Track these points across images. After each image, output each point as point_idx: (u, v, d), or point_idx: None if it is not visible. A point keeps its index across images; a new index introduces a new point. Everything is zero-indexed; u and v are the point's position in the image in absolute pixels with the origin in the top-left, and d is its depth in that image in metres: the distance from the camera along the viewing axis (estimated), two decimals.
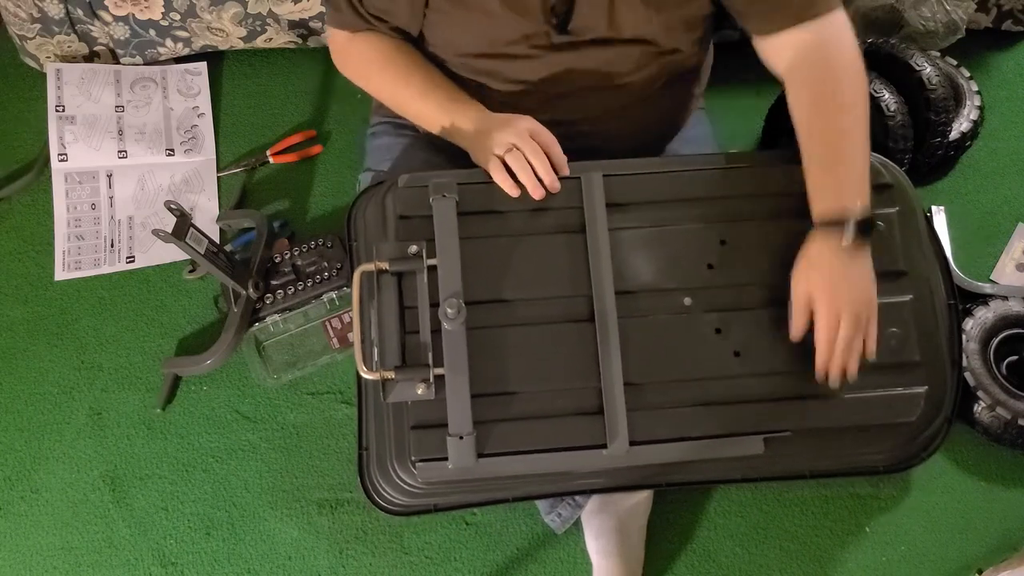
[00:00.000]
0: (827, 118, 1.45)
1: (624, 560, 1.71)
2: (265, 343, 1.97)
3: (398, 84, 1.58)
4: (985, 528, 1.82)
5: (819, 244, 1.43)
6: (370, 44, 1.57)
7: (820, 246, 1.43)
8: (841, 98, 1.45)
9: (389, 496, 1.51)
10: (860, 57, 1.47)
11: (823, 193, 1.44)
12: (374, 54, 1.58)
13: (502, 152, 1.45)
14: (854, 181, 1.43)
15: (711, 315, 1.49)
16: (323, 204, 2.17)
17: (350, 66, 1.64)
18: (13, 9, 2.09)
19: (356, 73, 1.65)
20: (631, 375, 1.45)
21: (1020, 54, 2.34)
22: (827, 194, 1.44)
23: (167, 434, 1.92)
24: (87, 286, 2.06)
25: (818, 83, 1.46)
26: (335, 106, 2.29)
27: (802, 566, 1.80)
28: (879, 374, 1.50)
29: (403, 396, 1.41)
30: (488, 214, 1.49)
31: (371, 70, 1.60)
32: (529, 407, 1.44)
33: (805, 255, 1.45)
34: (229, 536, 1.83)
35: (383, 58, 1.57)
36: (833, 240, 1.41)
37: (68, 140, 2.13)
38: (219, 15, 2.10)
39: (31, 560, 1.81)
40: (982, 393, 1.80)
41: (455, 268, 1.44)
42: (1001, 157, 2.20)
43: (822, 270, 1.43)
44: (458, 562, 1.80)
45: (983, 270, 2.06)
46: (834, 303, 1.41)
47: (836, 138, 1.44)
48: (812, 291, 1.43)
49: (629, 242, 1.50)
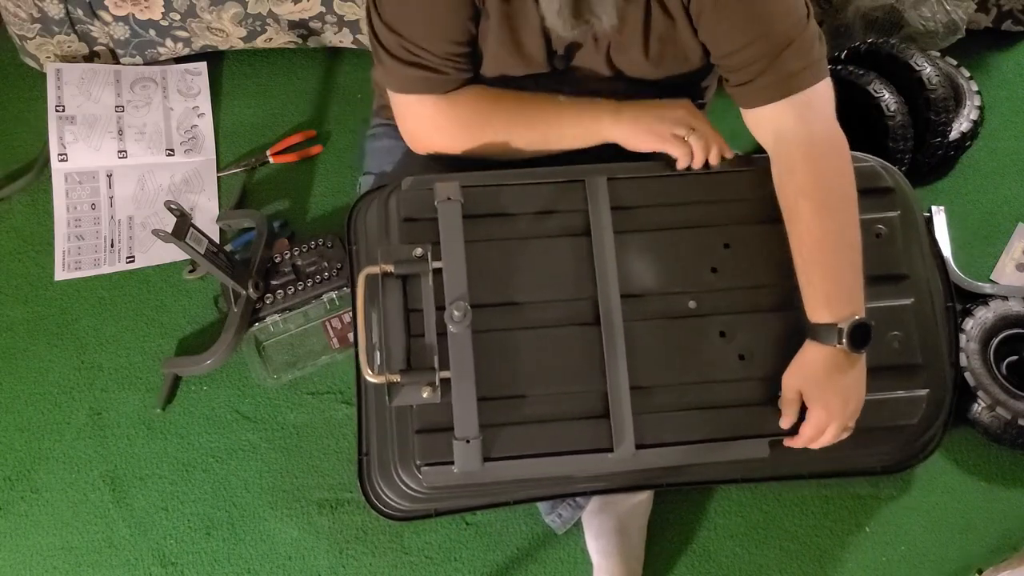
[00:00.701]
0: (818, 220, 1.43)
1: (624, 560, 1.71)
2: (265, 343, 1.97)
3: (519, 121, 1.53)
4: (985, 528, 1.82)
5: (813, 350, 1.44)
6: (472, 94, 1.52)
7: (814, 353, 1.43)
8: (832, 197, 1.43)
9: (391, 501, 1.51)
10: (841, 133, 1.46)
11: (815, 299, 1.43)
12: (489, 96, 1.52)
13: (683, 132, 1.51)
14: (849, 289, 1.42)
15: (716, 318, 1.50)
16: (323, 204, 2.16)
17: (452, 127, 1.54)
18: (13, 9, 2.08)
19: (464, 131, 1.54)
20: (637, 378, 1.45)
21: (1020, 54, 2.34)
22: (819, 300, 1.43)
23: (167, 434, 1.92)
24: (87, 286, 2.06)
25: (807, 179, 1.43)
26: (335, 106, 2.29)
27: (802, 566, 1.80)
28: (881, 377, 1.51)
29: (408, 400, 1.41)
30: (493, 217, 1.49)
31: (485, 117, 1.53)
32: (535, 410, 1.44)
33: (800, 357, 1.45)
34: (229, 536, 1.83)
35: (499, 98, 1.52)
36: (827, 348, 1.41)
37: (68, 140, 2.13)
38: (219, 15, 2.09)
39: (31, 560, 1.81)
40: (982, 393, 1.81)
41: (461, 271, 1.44)
42: (1001, 157, 2.21)
43: (818, 379, 1.43)
44: (458, 562, 1.80)
45: (983, 270, 2.06)
46: (826, 414, 1.43)
47: (828, 243, 1.42)
48: (805, 395, 1.45)
49: (634, 245, 1.50)
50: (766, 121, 1.46)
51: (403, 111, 1.56)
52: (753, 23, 1.38)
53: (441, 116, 1.52)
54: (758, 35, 1.38)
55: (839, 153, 1.45)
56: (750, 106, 1.47)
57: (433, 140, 1.57)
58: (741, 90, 1.46)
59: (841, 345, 1.39)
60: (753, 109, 1.47)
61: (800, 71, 1.40)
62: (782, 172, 1.47)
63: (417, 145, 1.60)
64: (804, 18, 1.40)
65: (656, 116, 1.52)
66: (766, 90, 1.42)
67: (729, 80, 1.48)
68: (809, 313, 1.44)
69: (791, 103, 1.42)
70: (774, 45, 1.38)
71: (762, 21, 1.38)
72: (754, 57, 1.40)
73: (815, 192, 1.42)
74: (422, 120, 1.55)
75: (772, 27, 1.38)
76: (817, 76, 1.42)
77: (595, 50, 1.47)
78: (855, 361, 1.42)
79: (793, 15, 1.39)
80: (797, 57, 1.39)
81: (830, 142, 1.45)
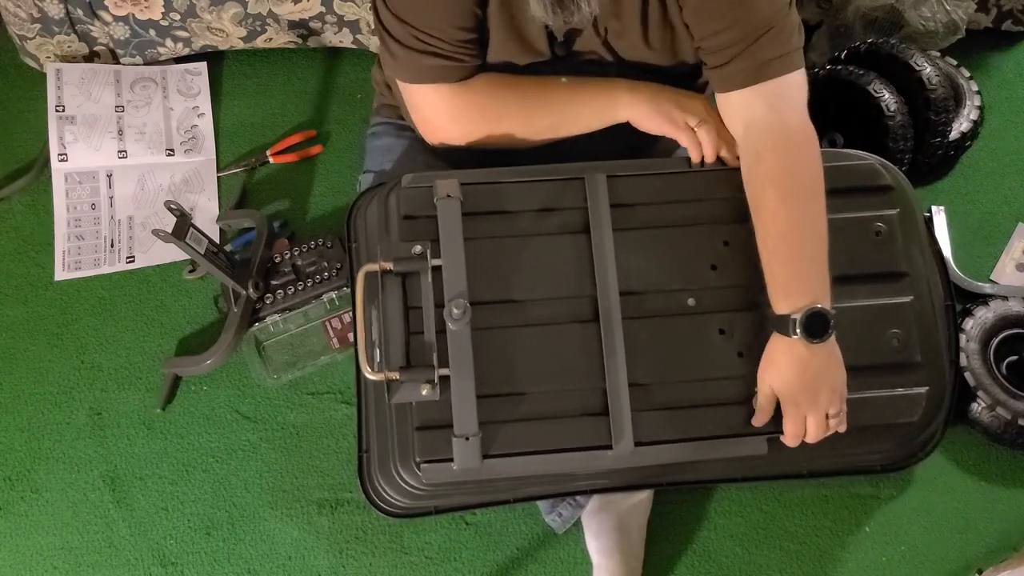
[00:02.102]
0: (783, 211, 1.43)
1: (624, 559, 1.71)
2: (265, 343, 1.97)
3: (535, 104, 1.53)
4: (985, 528, 1.82)
5: (776, 345, 1.44)
6: (483, 82, 1.51)
7: (777, 347, 1.44)
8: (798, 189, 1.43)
9: (390, 498, 1.51)
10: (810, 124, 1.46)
11: (775, 290, 1.43)
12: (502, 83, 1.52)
13: (695, 124, 1.52)
14: (807, 279, 1.42)
15: (715, 316, 1.50)
16: (323, 204, 2.16)
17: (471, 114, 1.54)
18: (13, 9, 2.08)
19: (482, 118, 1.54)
20: (636, 376, 1.45)
21: (1020, 54, 2.35)
22: (778, 292, 1.43)
23: (167, 434, 1.91)
24: (87, 286, 2.06)
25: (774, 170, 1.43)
26: (335, 106, 2.29)
27: (802, 566, 1.80)
28: (880, 375, 1.51)
29: (408, 397, 1.41)
30: (492, 214, 1.49)
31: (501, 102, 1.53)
32: (534, 408, 1.44)
33: (767, 352, 1.46)
34: (229, 536, 1.83)
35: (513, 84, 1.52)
36: (786, 340, 1.41)
37: (68, 140, 2.13)
38: (219, 15, 2.10)
39: (31, 560, 1.81)
40: (982, 393, 1.80)
41: (460, 268, 1.44)
42: (1001, 157, 2.21)
43: (783, 374, 1.43)
44: (458, 562, 1.80)
45: (983, 270, 2.06)
46: (798, 408, 1.43)
47: (790, 234, 1.42)
48: (775, 390, 1.45)
49: (633, 243, 1.50)
50: (738, 107, 1.46)
51: (418, 101, 1.55)
52: (734, 6, 1.38)
53: (459, 104, 1.52)
54: (737, 19, 1.38)
55: (808, 145, 1.45)
56: (723, 90, 1.47)
57: (449, 129, 1.56)
58: (716, 73, 1.46)
59: (797, 335, 1.38)
60: (727, 94, 1.47)
61: (775, 59, 1.40)
62: (751, 161, 1.47)
63: (432, 136, 1.59)
64: (786, 6, 1.40)
65: (674, 101, 1.52)
66: (739, 75, 1.42)
67: (707, 63, 1.48)
68: (772, 304, 1.44)
69: (763, 90, 1.42)
70: (752, 29, 1.38)
71: (743, 6, 1.38)
72: (731, 40, 1.40)
73: (783, 181, 1.42)
74: (438, 109, 1.54)
75: (753, 12, 1.38)
76: (792, 66, 1.42)
77: (594, 36, 1.47)
78: (816, 351, 1.40)
79: (776, 2, 1.39)
80: (774, 45, 1.39)
81: (801, 133, 1.45)
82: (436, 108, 1.54)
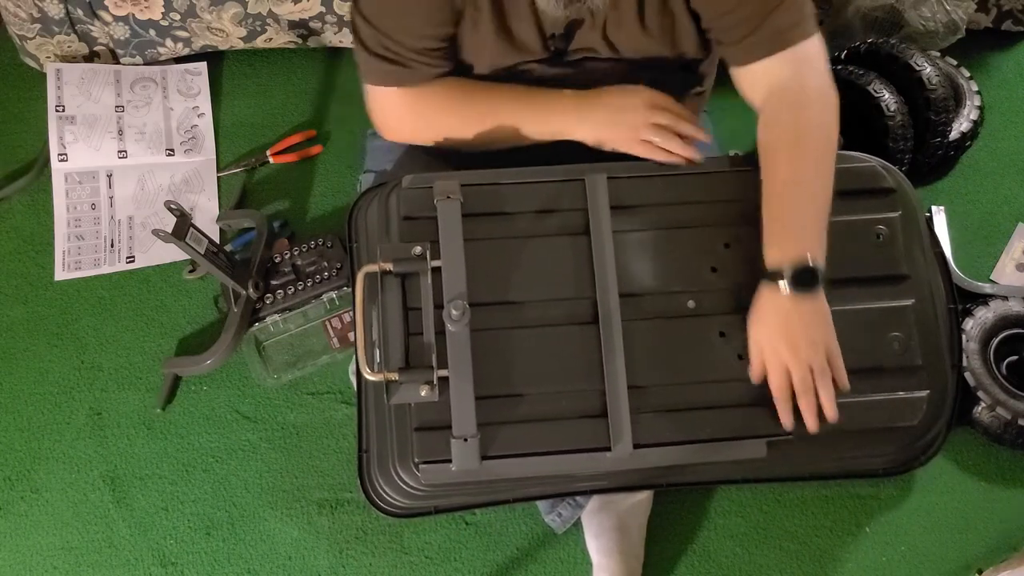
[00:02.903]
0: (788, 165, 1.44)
1: (624, 559, 1.71)
2: (265, 343, 1.97)
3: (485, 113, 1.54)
4: (985, 528, 1.82)
5: (762, 295, 1.44)
6: (437, 88, 1.53)
7: (763, 297, 1.44)
8: (806, 145, 1.44)
9: (390, 498, 1.51)
10: (833, 88, 1.47)
11: (768, 241, 1.44)
12: (450, 91, 1.53)
13: (648, 135, 1.49)
14: (800, 230, 1.42)
15: (715, 318, 1.49)
16: (323, 204, 2.16)
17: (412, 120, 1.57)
18: (13, 9, 2.08)
19: (428, 124, 1.57)
20: (635, 378, 1.45)
21: (1020, 54, 2.35)
22: (771, 242, 1.43)
23: (167, 434, 1.92)
24: (87, 286, 2.06)
25: (787, 128, 1.44)
26: (335, 106, 2.29)
27: (802, 566, 1.80)
28: (881, 378, 1.50)
29: (407, 398, 1.41)
30: (492, 216, 1.49)
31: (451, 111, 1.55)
32: (533, 409, 1.44)
33: (754, 305, 1.46)
34: (229, 536, 1.83)
35: (460, 93, 1.53)
36: (773, 291, 1.41)
37: (68, 140, 2.13)
38: (219, 15, 2.10)
39: (31, 560, 1.81)
40: (982, 393, 1.80)
41: (460, 270, 1.44)
42: (1001, 157, 2.21)
43: (767, 323, 1.43)
44: (458, 562, 1.80)
45: (983, 270, 2.06)
46: (779, 357, 1.42)
47: (790, 188, 1.43)
48: (758, 342, 1.45)
49: (633, 245, 1.50)
50: (760, 76, 1.46)
51: (371, 101, 1.59)
52: None
53: (404, 108, 1.55)
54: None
55: (826, 107, 1.46)
56: (743, 63, 1.47)
57: (396, 130, 1.61)
58: (734, 49, 1.46)
59: (781, 286, 1.39)
60: (747, 67, 1.47)
61: (791, 27, 1.41)
62: (767, 124, 1.48)
63: (386, 134, 1.62)
64: None
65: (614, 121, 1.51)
66: (759, 46, 1.43)
67: (722, 41, 1.48)
68: (764, 256, 1.44)
69: (784, 58, 1.43)
70: (765, 4, 1.39)
71: None
72: (746, 16, 1.40)
73: (793, 138, 1.43)
74: (386, 111, 1.58)
75: None
76: (809, 32, 1.43)
77: (592, 28, 1.47)
78: (799, 303, 1.40)
79: None
80: (788, 14, 1.40)
81: (820, 95, 1.46)
82: (384, 109, 1.58)
